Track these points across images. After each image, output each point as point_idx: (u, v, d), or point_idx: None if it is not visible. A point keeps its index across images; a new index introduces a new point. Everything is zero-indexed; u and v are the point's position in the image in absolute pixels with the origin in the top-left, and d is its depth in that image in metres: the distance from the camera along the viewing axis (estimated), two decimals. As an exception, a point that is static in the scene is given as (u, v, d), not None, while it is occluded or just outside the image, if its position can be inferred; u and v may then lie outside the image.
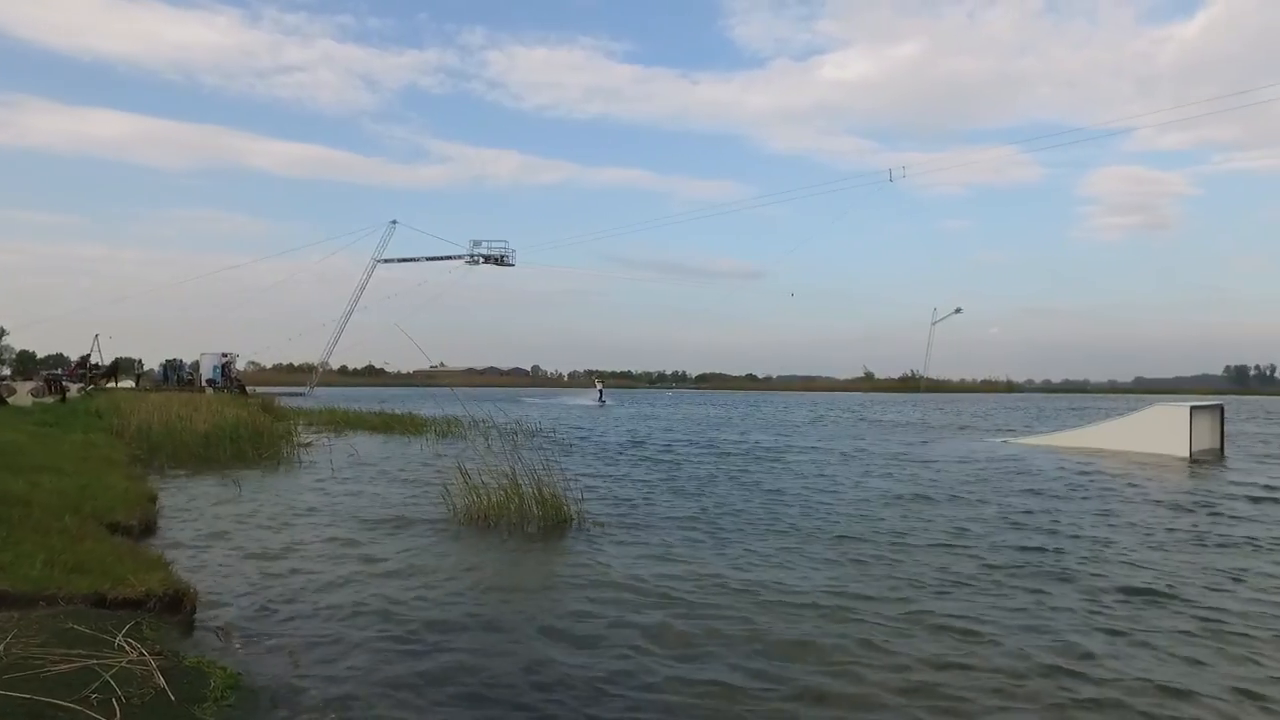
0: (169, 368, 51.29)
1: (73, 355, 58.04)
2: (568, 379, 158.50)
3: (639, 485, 12.42)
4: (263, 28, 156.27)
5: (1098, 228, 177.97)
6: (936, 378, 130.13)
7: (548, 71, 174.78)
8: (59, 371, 46.45)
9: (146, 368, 56.55)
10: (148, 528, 7.89)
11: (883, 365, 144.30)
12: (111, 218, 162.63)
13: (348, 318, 74.34)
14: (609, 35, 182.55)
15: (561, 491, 9.11)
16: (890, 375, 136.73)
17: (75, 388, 38.22)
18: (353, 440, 20.61)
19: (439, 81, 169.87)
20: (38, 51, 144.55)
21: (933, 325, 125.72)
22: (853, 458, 17.40)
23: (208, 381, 47.20)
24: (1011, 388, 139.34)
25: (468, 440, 17.25)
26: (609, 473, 14.14)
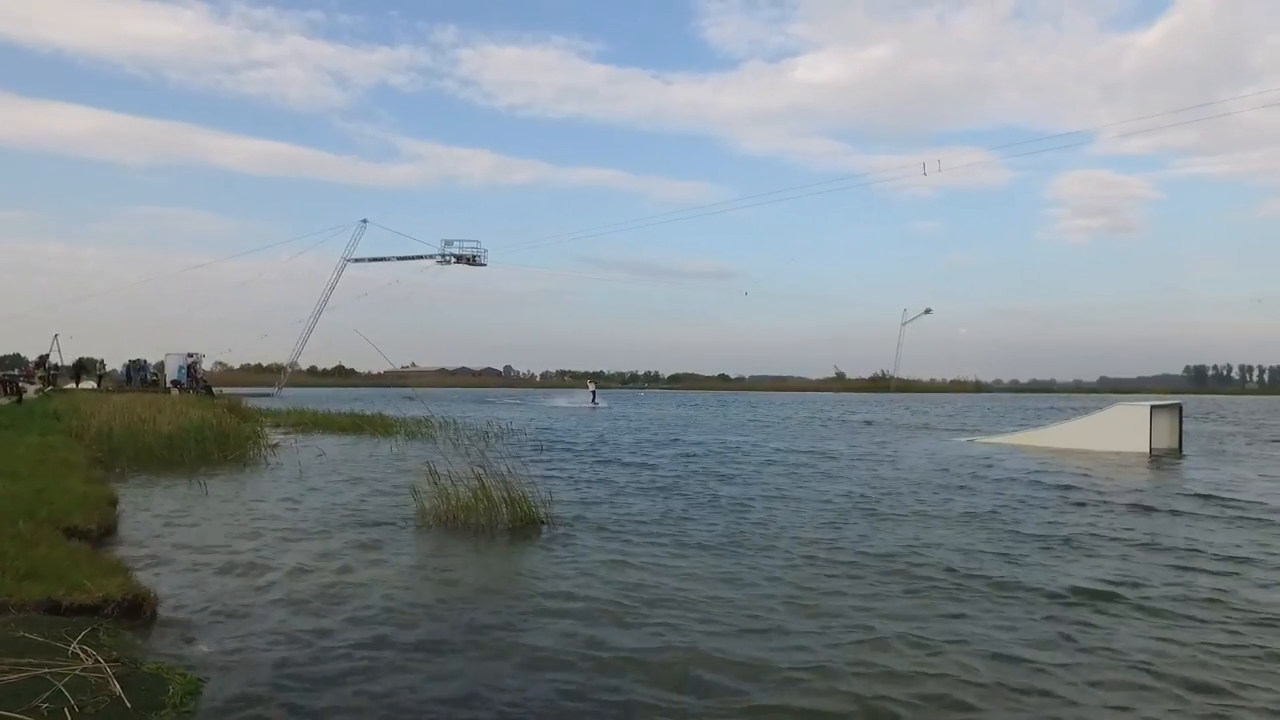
0: (132, 368, 50.29)
1: (31, 355, 56.77)
2: (540, 379, 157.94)
3: (615, 486, 12.42)
4: (230, 23, 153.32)
5: (1065, 230, 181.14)
6: (906, 378, 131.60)
7: (521, 71, 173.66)
8: (15, 372, 45.32)
9: (109, 368, 55.27)
10: (107, 532, 7.72)
11: (853, 365, 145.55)
12: (72, 214, 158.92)
13: (317, 317, 73.54)
14: (582, 35, 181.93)
15: (530, 494, 9.08)
16: (861, 375, 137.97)
17: (33, 389, 37.29)
18: (321, 441, 20.37)
19: (410, 79, 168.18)
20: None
21: (903, 326, 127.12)
22: (820, 459, 17.54)
23: (173, 382, 46.34)
24: (980, 387, 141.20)
25: (437, 441, 17.15)
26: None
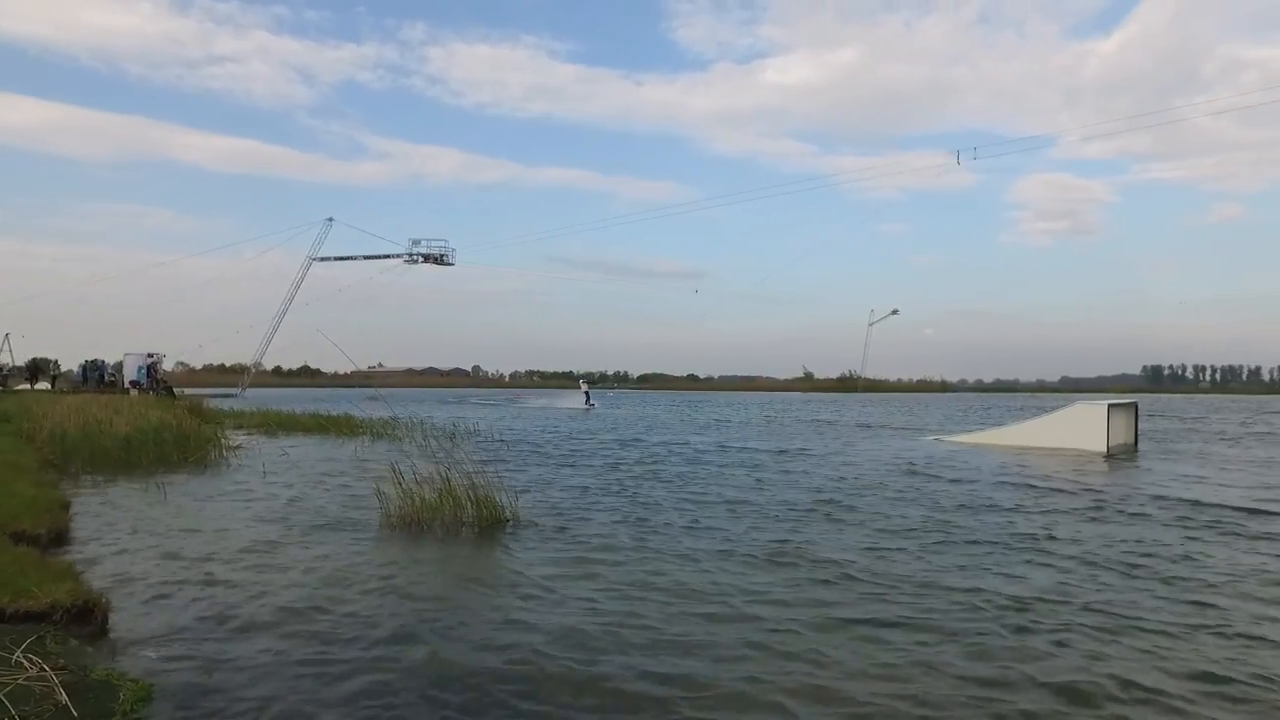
0: (89, 368, 49.14)
1: (-19, 356, 55.15)
2: (509, 380, 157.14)
3: (590, 487, 12.41)
4: (192, 16, 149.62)
5: (1027, 232, 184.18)
6: (874, 378, 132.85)
7: (490, 69, 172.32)
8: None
9: (64, 369, 53.94)
10: (58, 537, 7.53)
11: (822, 365, 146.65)
12: (24, 210, 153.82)
13: (281, 317, 72.47)
14: (551, 35, 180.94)
15: (495, 493, 9.05)
16: (829, 375, 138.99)
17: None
18: (285, 442, 20.10)
19: (378, 77, 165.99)
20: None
21: (870, 326, 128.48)
22: (786, 459, 17.68)
23: (131, 383, 45.38)
24: (945, 387, 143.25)
25: (404, 442, 17.02)
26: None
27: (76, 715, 3.52)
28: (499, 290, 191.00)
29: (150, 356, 48.72)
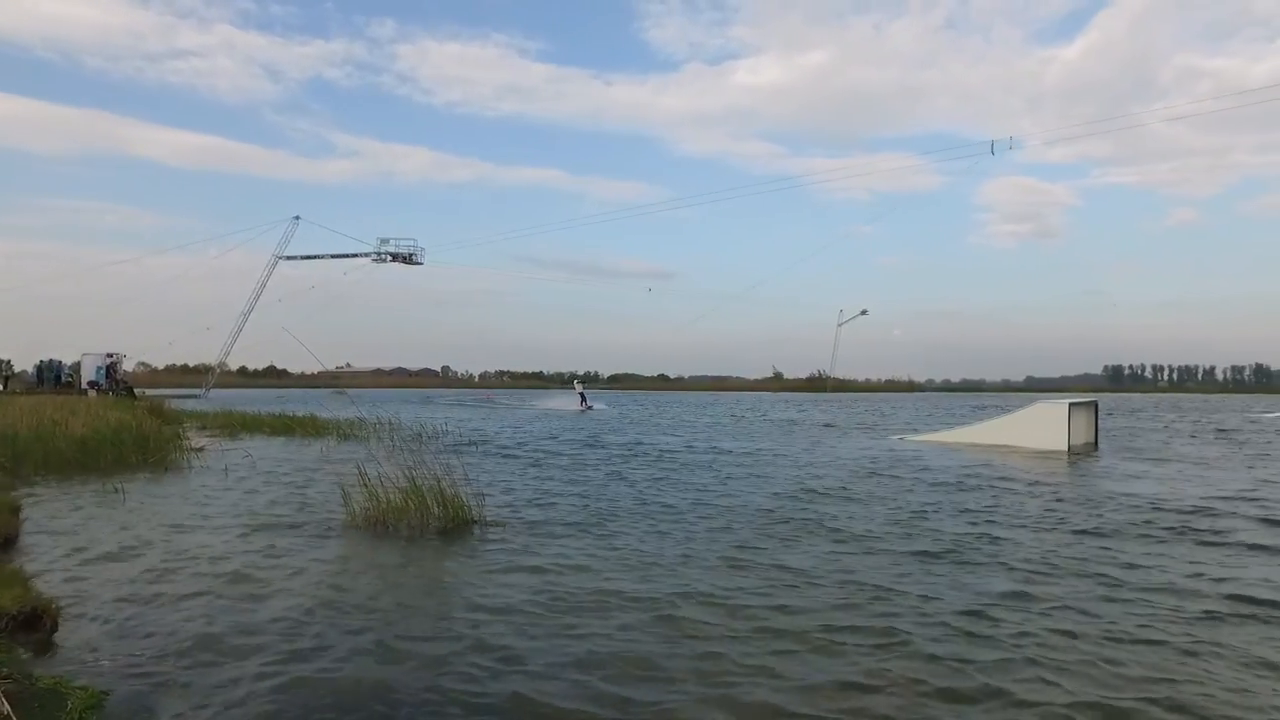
0: (44, 369, 47.93)
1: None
2: (479, 380, 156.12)
3: (561, 488, 12.36)
4: (153, 8, 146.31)
5: (993, 234, 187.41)
6: (843, 377, 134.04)
7: (460, 67, 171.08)
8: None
9: (18, 369, 52.51)
10: (6, 541, 7.35)
11: (791, 365, 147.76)
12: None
13: (247, 316, 71.37)
14: (522, 33, 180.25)
15: (462, 493, 8.98)
16: (799, 375, 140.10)
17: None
18: (249, 444, 19.76)
19: (346, 74, 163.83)
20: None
21: (839, 326, 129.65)
22: (752, 458, 17.78)
23: (89, 384, 44.40)
24: (913, 387, 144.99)
25: (370, 443, 16.80)
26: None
27: (21, 725, 3.43)
28: (468, 290, 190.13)
29: (109, 357, 47.69)
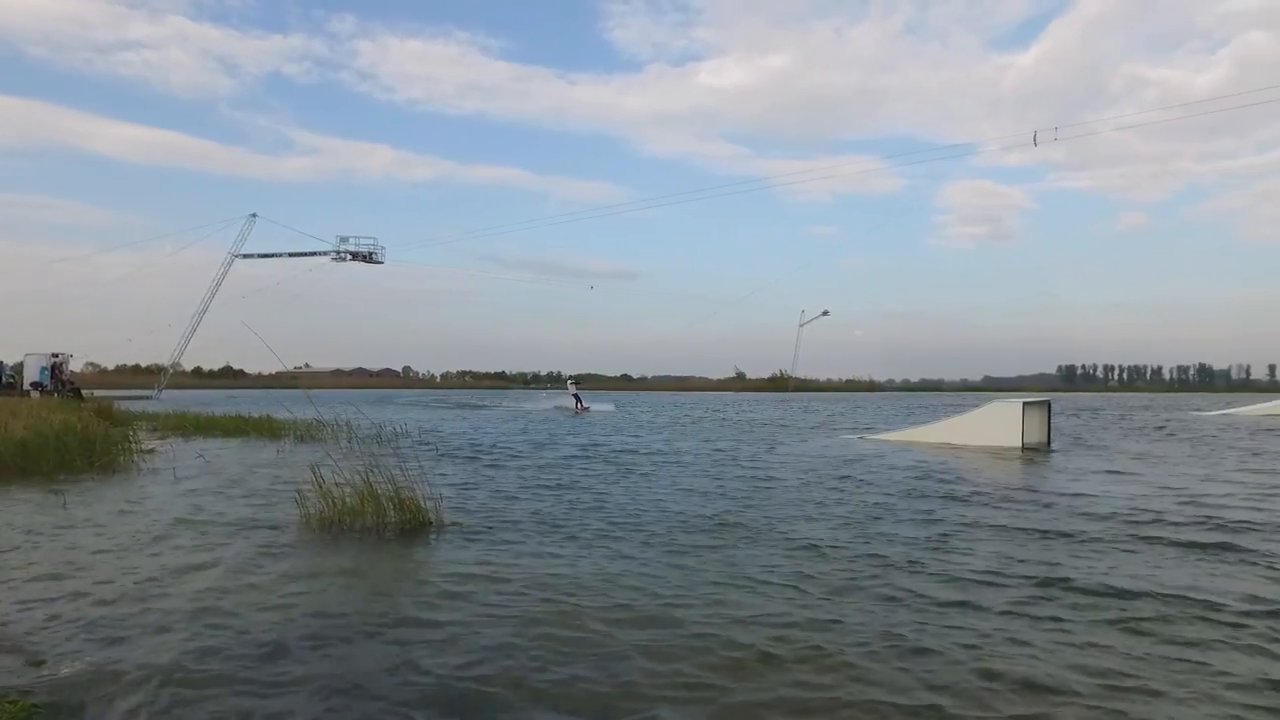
0: (-15, 369, 46.34)
1: None
2: (440, 380, 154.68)
3: (530, 489, 12.26)
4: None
5: (952, 236, 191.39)
6: (804, 377, 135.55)
7: (421, 65, 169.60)
8: None
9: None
10: (-60, 548, 7.06)
11: (753, 365, 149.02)
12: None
13: (201, 315, 70.00)
14: (485, 31, 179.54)
15: (418, 495, 8.86)
16: (761, 375, 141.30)
17: None
18: (203, 445, 19.32)
19: (305, 70, 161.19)
20: None
21: (801, 327, 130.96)
22: (710, 458, 17.86)
23: (33, 384, 43.04)
24: (874, 387, 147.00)
25: (328, 444, 16.50)
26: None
27: (-55, 739, 3.29)
28: (430, 289, 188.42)
29: (55, 357, 46.29)
